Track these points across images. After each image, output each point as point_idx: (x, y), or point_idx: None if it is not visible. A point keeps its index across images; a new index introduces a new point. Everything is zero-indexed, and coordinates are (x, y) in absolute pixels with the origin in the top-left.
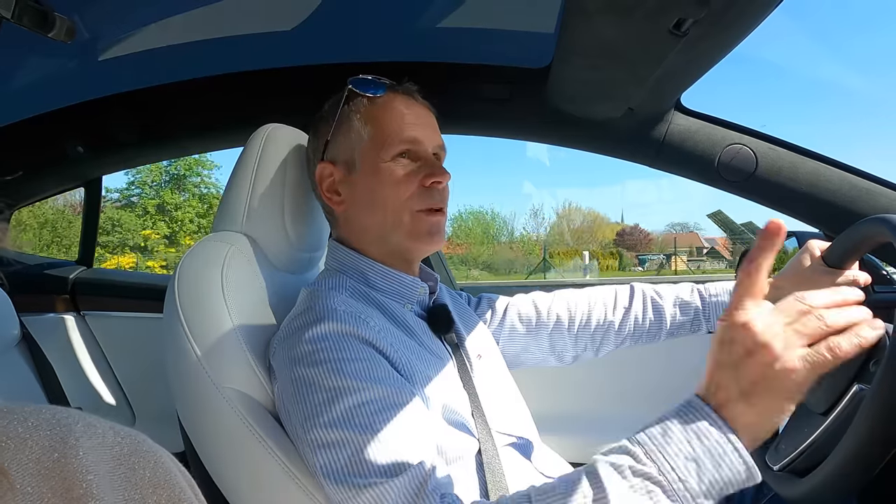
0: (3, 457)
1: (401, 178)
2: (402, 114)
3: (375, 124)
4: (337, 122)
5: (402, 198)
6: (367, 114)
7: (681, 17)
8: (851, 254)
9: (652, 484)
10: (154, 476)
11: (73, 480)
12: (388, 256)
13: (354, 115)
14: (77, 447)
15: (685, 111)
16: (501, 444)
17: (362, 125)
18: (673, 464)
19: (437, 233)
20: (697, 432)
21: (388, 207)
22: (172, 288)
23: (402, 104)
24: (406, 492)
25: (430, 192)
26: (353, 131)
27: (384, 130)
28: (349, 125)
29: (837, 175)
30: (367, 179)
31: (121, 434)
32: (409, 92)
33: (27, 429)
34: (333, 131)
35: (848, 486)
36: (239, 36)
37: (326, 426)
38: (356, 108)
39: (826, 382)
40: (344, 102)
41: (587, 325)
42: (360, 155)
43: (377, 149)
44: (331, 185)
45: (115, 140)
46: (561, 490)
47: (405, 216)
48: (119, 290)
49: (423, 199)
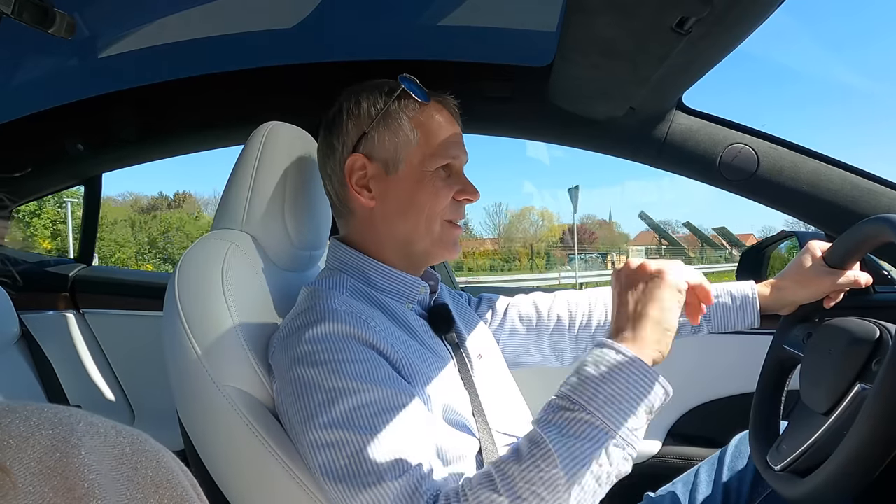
0: (4, 456)
1: (439, 190)
2: (445, 128)
3: (425, 132)
4: (382, 118)
5: (439, 207)
6: (418, 119)
7: (683, 15)
8: (853, 254)
9: (583, 425)
10: (156, 476)
11: (74, 480)
12: (401, 259)
13: (404, 115)
14: (79, 446)
15: (687, 110)
16: (502, 444)
17: (411, 128)
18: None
19: (457, 244)
20: (609, 366)
21: (423, 214)
22: (173, 286)
23: (446, 118)
24: (404, 493)
25: (460, 207)
26: (401, 132)
27: (433, 141)
28: (397, 124)
29: (839, 175)
30: (407, 184)
31: (123, 433)
32: (450, 106)
33: (29, 428)
34: (376, 125)
35: (850, 485)
36: (240, 34)
37: (326, 427)
38: (406, 110)
39: (827, 382)
40: (395, 100)
41: (587, 325)
42: (405, 158)
43: (423, 156)
44: (361, 179)
45: (116, 137)
46: (512, 457)
47: (437, 225)
48: (119, 287)
49: (453, 211)
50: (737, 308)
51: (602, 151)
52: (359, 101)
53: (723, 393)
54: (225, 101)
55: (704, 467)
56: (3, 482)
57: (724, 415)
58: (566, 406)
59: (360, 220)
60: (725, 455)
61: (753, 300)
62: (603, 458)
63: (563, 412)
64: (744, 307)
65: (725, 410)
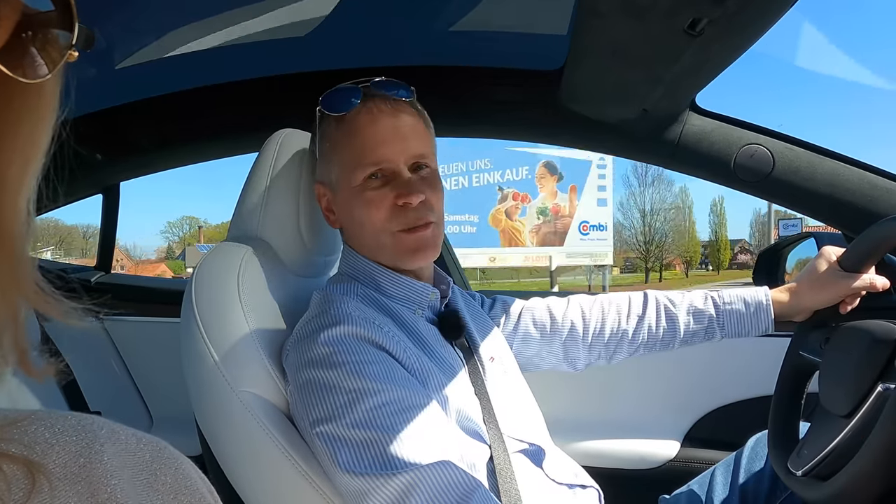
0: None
1: (372, 201)
2: (366, 133)
3: (341, 149)
4: (318, 145)
5: (379, 220)
6: (334, 139)
7: (695, 16)
8: (868, 257)
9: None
10: (175, 483)
11: (98, 485)
12: (392, 265)
13: (326, 139)
14: (102, 452)
15: (700, 111)
16: (513, 449)
17: (332, 150)
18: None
19: (422, 248)
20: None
21: (366, 228)
22: (189, 292)
23: (367, 119)
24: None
25: (405, 212)
26: (329, 154)
27: (349, 155)
28: (324, 148)
29: (857, 174)
30: (345, 203)
31: (143, 441)
32: (381, 98)
33: (54, 434)
34: (318, 152)
35: (875, 486)
36: (252, 43)
37: (349, 427)
38: (326, 133)
39: (848, 384)
40: (318, 125)
41: (601, 333)
42: (336, 179)
43: (347, 174)
44: (326, 205)
45: (133, 147)
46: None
47: (385, 238)
48: (137, 294)
49: (398, 219)
50: (750, 315)
51: (615, 154)
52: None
53: (739, 396)
54: (239, 109)
55: (720, 469)
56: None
57: (741, 418)
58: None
59: (345, 236)
60: (742, 457)
61: (767, 307)
62: None
63: None
64: (758, 314)
65: (741, 413)
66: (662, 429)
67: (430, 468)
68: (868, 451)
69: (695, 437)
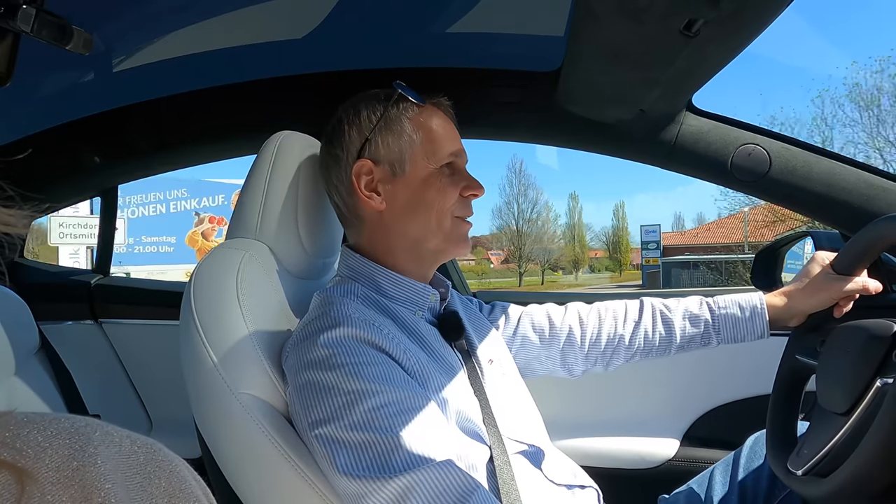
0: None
1: (447, 186)
2: (445, 127)
3: (426, 131)
4: (383, 122)
5: (448, 204)
6: (418, 120)
7: (691, 18)
8: (860, 260)
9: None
10: (170, 485)
11: (91, 489)
12: (412, 261)
13: (405, 118)
14: (95, 456)
15: (697, 111)
16: (513, 451)
17: (413, 130)
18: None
19: (469, 240)
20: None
21: (432, 212)
22: (188, 295)
23: (443, 119)
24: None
25: (467, 203)
26: (404, 133)
27: (434, 139)
28: (399, 127)
29: (853, 174)
30: (414, 183)
31: (137, 443)
32: (445, 108)
33: (47, 437)
34: (377, 130)
35: (875, 480)
36: (251, 45)
37: (347, 428)
38: (406, 112)
39: (846, 381)
40: (393, 104)
41: (598, 340)
42: (410, 158)
43: (427, 155)
44: (370, 184)
45: (131, 149)
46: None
47: (447, 221)
48: (136, 297)
49: (461, 207)
50: (746, 319)
51: (612, 154)
52: (357, 111)
53: (737, 395)
54: (237, 111)
55: (719, 468)
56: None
57: (739, 417)
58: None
59: (370, 226)
60: (741, 456)
61: (762, 311)
62: None
63: None
64: (753, 318)
65: (740, 412)
66: (661, 428)
67: (429, 470)
68: (868, 445)
69: (694, 436)
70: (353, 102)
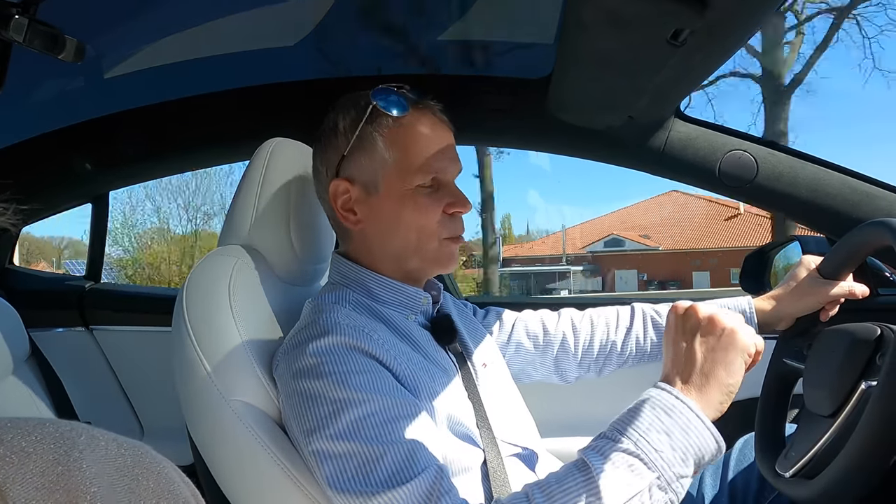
0: (6, 471)
1: (426, 206)
2: (428, 139)
3: (400, 149)
4: (357, 140)
5: (430, 225)
6: (392, 136)
7: (678, 27)
8: (845, 265)
9: (631, 457)
10: (157, 487)
11: (77, 493)
12: (397, 273)
13: (377, 135)
14: (80, 460)
15: (685, 118)
16: (506, 454)
17: (386, 148)
18: (647, 437)
19: (455, 259)
20: (665, 409)
21: (412, 230)
22: (180, 301)
23: (427, 126)
24: (416, 497)
25: (454, 220)
26: (376, 152)
27: (410, 157)
28: (372, 145)
29: (838, 179)
30: (389, 204)
31: (124, 446)
32: (432, 110)
33: (31, 443)
34: (352, 148)
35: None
36: (242, 52)
37: (332, 438)
38: (379, 129)
39: (831, 384)
40: (366, 120)
41: (590, 347)
42: (383, 178)
43: (402, 175)
44: (346, 203)
45: (122, 156)
46: (554, 480)
47: (432, 243)
48: (127, 304)
49: (447, 227)
50: None
51: (602, 160)
52: (336, 123)
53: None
54: (229, 118)
55: (710, 469)
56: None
57: (729, 419)
58: (617, 439)
59: (354, 240)
60: (731, 457)
61: (751, 315)
62: (645, 497)
63: (614, 444)
64: None
65: (730, 415)
66: None
67: (413, 484)
68: (852, 447)
69: None
70: (336, 108)
